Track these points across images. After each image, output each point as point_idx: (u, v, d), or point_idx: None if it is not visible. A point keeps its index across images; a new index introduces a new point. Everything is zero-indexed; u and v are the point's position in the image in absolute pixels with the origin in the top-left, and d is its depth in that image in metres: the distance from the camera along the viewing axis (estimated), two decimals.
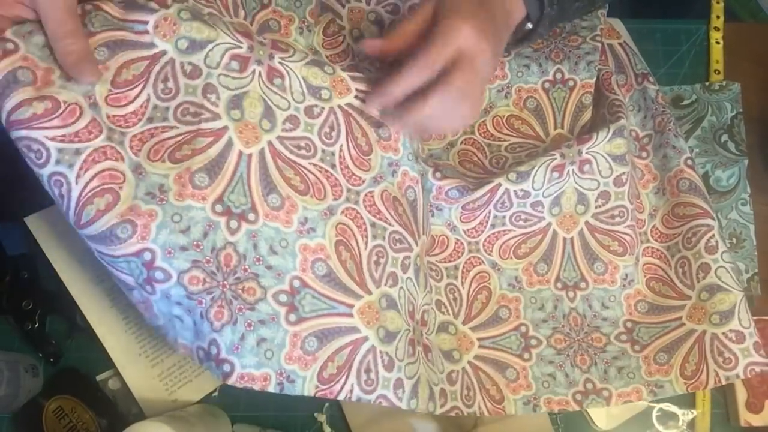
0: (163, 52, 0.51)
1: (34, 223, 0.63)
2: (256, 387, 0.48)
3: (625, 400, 0.62)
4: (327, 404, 0.65)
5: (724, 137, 0.70)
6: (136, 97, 0.49)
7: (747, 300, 0.62)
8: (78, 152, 0.46)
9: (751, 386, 0.64)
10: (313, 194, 0.53)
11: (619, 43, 0.70)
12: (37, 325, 0.63)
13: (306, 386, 0.49)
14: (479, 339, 0.63)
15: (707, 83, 0.72)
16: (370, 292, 0.54)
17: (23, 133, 0.46)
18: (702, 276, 0.63)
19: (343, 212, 0.54)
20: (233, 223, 0.50)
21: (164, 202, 0.48)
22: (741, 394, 0.64)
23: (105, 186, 0.47)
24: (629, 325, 0.64)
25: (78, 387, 0.62)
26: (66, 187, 0.46)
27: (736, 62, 0.74)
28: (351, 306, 0.52)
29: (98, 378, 0.63)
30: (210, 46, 0.51)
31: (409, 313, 0.56)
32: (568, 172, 0.63)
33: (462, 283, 0.64)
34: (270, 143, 0.53)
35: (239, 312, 0.49)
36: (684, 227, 0.65)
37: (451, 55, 0.50)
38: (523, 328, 0.63)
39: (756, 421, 0.64)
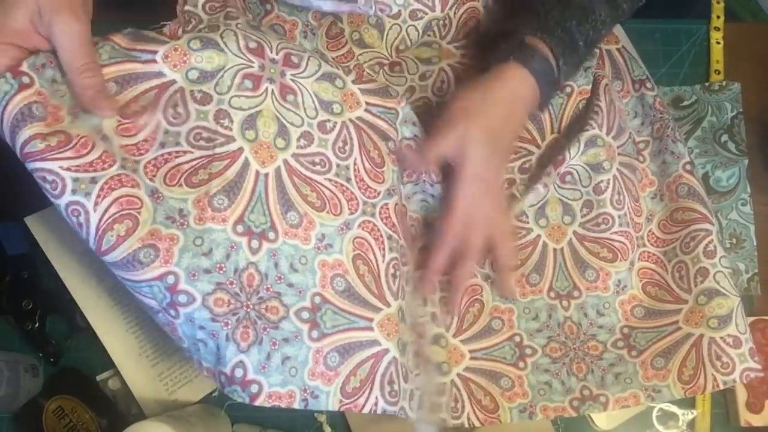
0: (173, 82, 0.51)
1: (34, 223, 0.63)
2: (283, 405, 0.49)
3: (622, 405, 0.62)
4: None
5: (724, 137, 0.70)
6: (146, 124, 0.50)
7: (747, 300, 0.62)
8: (94, 180, 0.46)
9: (751, 386, 0.64)
10: (330, 210, 0.53)
11: (617, 48, 0.70)
12: (37, 325, 0.63)
13: (330, 401, 0.50)
14: (471, 351, 0.63)
15: (707, 83, 0.72)
16: (389, 305, 0.54)
17: (38, 164, 0.46)
18: (700, 280, 0.63)
19: (359, 226, 0.54)
20: (254, 243, 0.50)
21: (185, 226, 0.48)
22: (741, 394, 0.64)
23: (123, 212, 0.47)
24: (626, 331, 0.64)
25: (78, 387, 0.62)
26: (84, 216, 0.46)
27: (737, 62, 0.74)
28: (371, 320, 0.53)
29: (98, 378, 0.63)
30: (220, 73, 0.52)
31: (411, 325, 0.57)
32: (548, 184, 0.64)
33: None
34: (286, 161, 0.53)
35: (264, 331, 0.50)
36: (682, 232, 0.65)
37: (469, 217, 0.58)
38: (517, 338, 0.63)
39: (756, 421, 0.64)
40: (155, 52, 0.50)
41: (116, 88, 0.50)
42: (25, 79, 0.46)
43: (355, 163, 0.56)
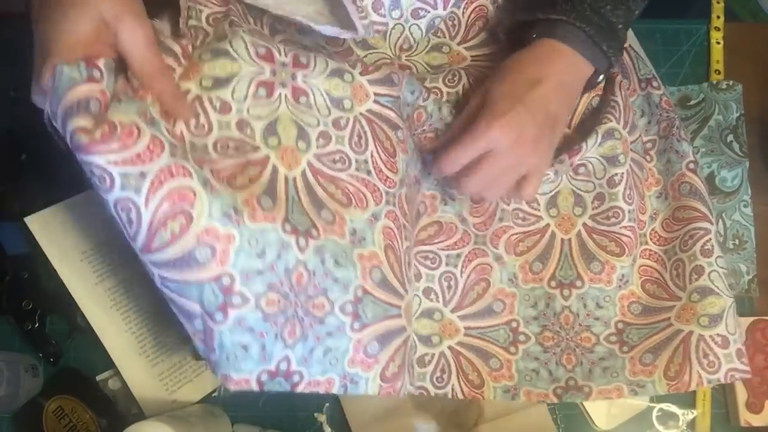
0: (188, 90, 0.50)
1: (34, 223, 0.63)
2: (321, 390, 0.50)
3: (605, 397, 0.62)
4: (327, 404, 0.65)
5: (730, 137, 0.71)
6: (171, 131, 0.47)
7: (747, 301, 0.62)
8: (143, 175, 0.43)
9: (751, 386, 0.64)
10: (357, 204, 0.54)
11: (625, 47, 0.70)
12: (37, 325, 0.63)
13: (369, 386, 0.51)
14: (466, 328, 0.64)
15: (715, 82, 0.72)
16: (407, 291, 0.55)
17: (85, 157, 0.43)
18: (695, 278, 0.63)
19: (386, 215, 0.55)
20: (302, 241, 0.50)
21: (240, 224, 0.46)
22: (741, 394, 0.64)
23: (176, 207, 0.44)
24: (620, 326, 0.64)
25: (78, 387, 0.62)
26: (135, 212, 0.44)
27: (737, 62, 0.74)
28: (399, 307, 0.54)
29: (98, 378, 0.63)
30: (235, 80, 0.51)
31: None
32: (560, 172, 0.64)
33: (461, 272, 0.65)
34: (309, 163, 0.53)
35: (309, 327, 0.50)
36: (682, 230, 0.65)
37: (480, 151, 0.54)
38: (513, 323, 0.64)
39: (756, 421, 0.64)
40: (173, 71, 0.49)
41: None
42: (96, 74, 0.44)
43: (372, 156, 0.56)
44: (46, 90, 0.43)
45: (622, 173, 0.64)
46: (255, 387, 0.48)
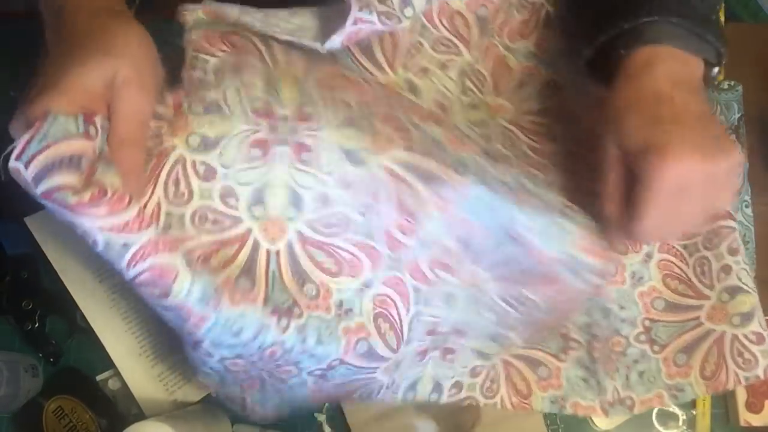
0: (173, 147, 0.47)
1: (34, 223, 0.63)
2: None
3: (647, 407, 0.62)
4: (327, 404, 0.65)
5: (732, 137, 0.70)
6: (147, 201, 0.45)
7: None
8: (126, 246, 0.42)
9: (751, 386, 0.64)
10: (348, 273, 0.49)
11: None
12: (37, 325, 0.63)
13: None
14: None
15: (716, 82, 0.72)
16: (398, 351, 0.52)
17: (68, 216, 0.41)
18: (723, 277, 0.63)
19: (383, 282, 0.50)
20: (283, 321, 0.47)
21: (217, 308, 0.45)
22: (741, 394, 0.64)
23: (156, 279, 0.43)
24: (647, 324, 0.64)
25: (78, 387, 0.62)
26: (117, 267, 0.43)
27: (737, 62, 0.73)
28: (377, 368, 0.52)
29: (98, 378, 0.63)
30: (224, 141, 0.47)
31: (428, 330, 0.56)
32: None
33: None
34: (298, 232, 0.48)
35: (271, 385, 0.51)
36: (705, 227, 0.64)
37: (675, 192, 0.46)
38: (563, 329, 0.63)
39: (756, 421, 0.64)
40: (160, 127, 0.47)
41: None
42: (92, 131, 0.42)
43: (378, 215, 0.50)
44: (30, 125, 0.40)
45: None
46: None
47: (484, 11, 0.63)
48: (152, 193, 0.45)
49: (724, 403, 0.66)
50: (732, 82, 0.72)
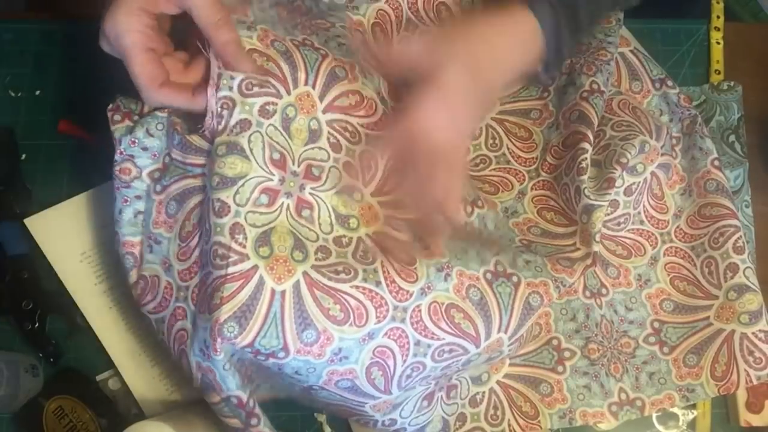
0: (207, 192, 0.50)
1: (34, 224, 0.63)
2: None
3: (658, 408, 0.62)
4: None
5: (732, 137, 0.70)
6: (196, 246, 0.50)
7: None
8: (162, 320, 0.51)
9: (751, 386, 0.64)
10: (353, 322, 0.49)
11: (630, 50, 0.70)
12: (37, 325, 0.63)
13: None
14: (510, 358, 0.62)
15: (715, 83, 0.72)
16: (390, 393, 0.52)
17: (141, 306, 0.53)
18: (730, 276, 0.63)
19: (385, 334, 0.51)
20: (262, 358, 0.48)
21: (210, 358, 0.48)
22: (741, 394, 0.64)
23: (181, 347, 0.50)
24: (656, 325, 0.64)
25: (78, 387, 0.62)
26: (168, 348, 0.52)
27: (737, 62, 0.74)
28: (364, 403, 0.53)
29: (98, 378, 0.63)
30: (241, 182, 0.49)
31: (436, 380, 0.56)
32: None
33: None
34: (306, 273, 0.49)
35: (258, 374, 0.54)
36: (710, 227, 0.65)
37: (404, 138, 0.50)
38: (554, 342, 0.63)
39: (756, 421, 0.63)
40: (203, 165, 0.50)
41: (176, 206, 0.51)
42: (116, 237, 0.53)
43: (383, 265, 0.52)
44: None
45: (639, 182, 0.64)
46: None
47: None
48: (200, 236, 0.50)
49: (724, 403, 0.66)
50: (731, 83, 0.72)
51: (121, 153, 0.52)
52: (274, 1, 0.56)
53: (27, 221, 0.63)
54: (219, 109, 0.49)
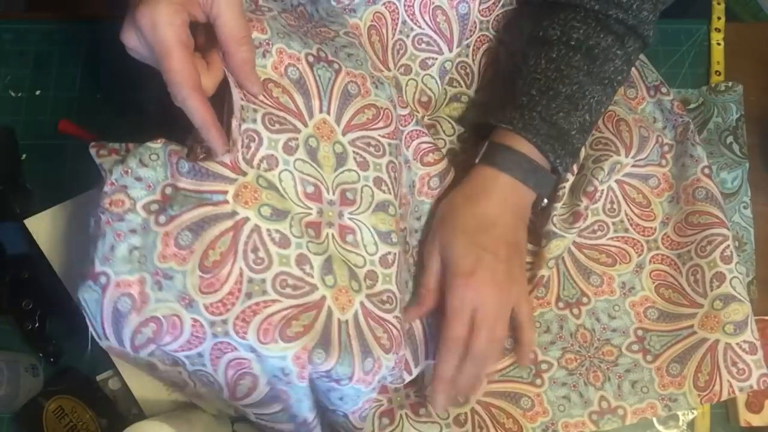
0: (246, 219, 0.48)
1: (34, 225, 0.63)
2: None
3: (640, 417, 0.62)
4: None
5: (729, 139, 0.70)
6: (229, 274, 0.47)
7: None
8: (201, 355, 0.48)
9: None
10: (395, 350, 0.52)
11: None
12: (37, 325, 0.63)
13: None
14: (487, 375, 0.62)
15: (713, 84, 0.72)
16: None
17: (152, 347, 0.48)
18: (716, 285, 0.63)
19: (396, 363, 0.53)
20: (324, 380, 0.50)
21: (290, 384, 0.49)
22: (741, 395, 0.64)
23: (240, 371, 0.49)
24: (640, 333, 0.64)
25: (78, 387, 0.62)
26: (212, 377, 0.50)
27: (737, 62, 0.73)
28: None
29: (98, 378, 0.63)
30: (290, 215, 0.50)
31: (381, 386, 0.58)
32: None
33: None
34: (362, 304, 0.51)
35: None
36: (698, 236, 0.65)
37: (468, 319, 0.55)
38: (531, 355, 0.63)
39: (756, 421, 0.64)
40: (226, 192, 0.48)
41: (191, 236, 0.47)
42: (102, 279, 0.47)
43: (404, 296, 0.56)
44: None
45: (603, 190, 0.65)
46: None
47: (464, 7, 0.64)
48: (233, 263, 0.48)
49: (724, 403, 0.66)
50: (730, 83, 0.72)
51: (112, 184, 0.49)
52: (281, 8, 0.56)
53: (27, 222, 0.63)
54: (246, 140, 0.49)
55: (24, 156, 0.68)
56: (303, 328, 0.47)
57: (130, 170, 0.49)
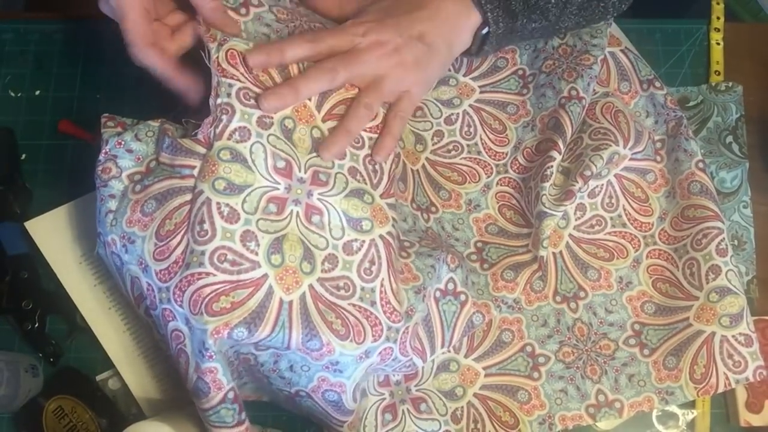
0: (201, 192, 0.49)
1: (33, 227, 0.63)
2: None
3: (637, 410, 0.62)
4: None
5: (729, 138, 0.70)
6: (177, 245, 0.49)
7: (747, 302, 0.63)
8: (158, 317, 0.50)
9: (751, 386, 0.64)
10: (353, 338, 0.51)
11: (621, 50, 0.69)
12: (37, 325, 0.63)
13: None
14: (485, 368, 0.63)
15: (714, 83, 0.72)
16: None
17: (144, 305, 0.52)
18: (712, 277, 0.63)
19: (379, 354, 0.52)
20: (260, 348, 0.50)
21: (213, 358, 0.48)
22: (741, 394, 0.64)
23: (179, 347, 0.50)
24: (637, 327, 0.64)
25: (78, 387, 0.62)
26: (167, 345, 0.52)
27: (737, 62, 0.73)
28: (343, 422, 0.57)
29: (98, 378, 0.63)
30: (248, 190, 0.50)
31: (384, 379, 0.58)
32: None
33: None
34: (311, 286, 0.51)
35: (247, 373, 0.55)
36: (693, 229, 0.65)
37: (360, 39, 0.55)
38: (528, 348, 0.63)
39: (756, 421, 0.63)
40: (194, 167, 0.50)
41: (155, 205, 0.50)
42: (101, 237, 0.53)
43: (381, 285, 0.53)
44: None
45: (603, 185, 0.66)
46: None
47: None
48: (183, 235, 0.49)
49: (724, 403, 0.66)
50: (730, 83, 0.72)
51: (105, 153, 0.53)
52: (274, 2, 0.56)
53: (27, 224, 0.63)
54: (219, 113, 0.50)
55: (24, 156, 0.68)
56: (230, 304, 0.47)
57: (123, 142, 0.52)
